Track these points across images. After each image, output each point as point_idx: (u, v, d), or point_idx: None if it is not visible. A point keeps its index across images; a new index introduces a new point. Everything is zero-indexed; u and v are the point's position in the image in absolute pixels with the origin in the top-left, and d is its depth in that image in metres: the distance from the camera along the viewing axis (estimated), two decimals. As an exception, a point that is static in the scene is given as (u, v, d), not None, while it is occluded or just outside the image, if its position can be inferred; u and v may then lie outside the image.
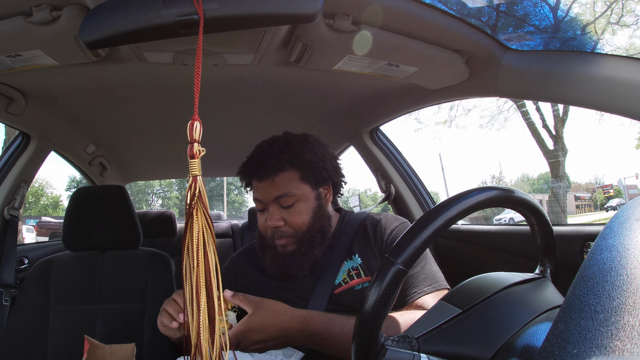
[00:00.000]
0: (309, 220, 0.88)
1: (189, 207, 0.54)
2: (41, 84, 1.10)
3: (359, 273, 0.87)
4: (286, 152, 0.87)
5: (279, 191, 0.86)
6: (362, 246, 0.91)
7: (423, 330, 0.48)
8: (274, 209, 0.88)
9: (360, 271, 0.88)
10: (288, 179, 0.87)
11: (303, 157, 0.88)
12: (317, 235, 0.89)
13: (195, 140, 0.53)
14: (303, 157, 0.88)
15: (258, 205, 0.91)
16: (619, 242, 0.26)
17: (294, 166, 0.88)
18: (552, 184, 9.91)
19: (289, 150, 0.88)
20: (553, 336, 0.24)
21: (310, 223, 0.88)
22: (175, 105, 1.32)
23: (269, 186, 0.87)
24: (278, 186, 0.87)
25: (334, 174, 0.94)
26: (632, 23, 2.87)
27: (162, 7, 0.63)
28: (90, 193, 1.37)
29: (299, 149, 0.88)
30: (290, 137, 0.93)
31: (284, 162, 0.87)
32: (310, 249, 0.87)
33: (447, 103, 6.12)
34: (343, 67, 0.98)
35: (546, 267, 0.60)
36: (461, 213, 0.48)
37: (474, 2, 0.90)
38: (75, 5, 0.73)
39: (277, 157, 0.87)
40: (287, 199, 0.87)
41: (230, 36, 0.85)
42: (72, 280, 1.25)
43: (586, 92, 0.78)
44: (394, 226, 0.92)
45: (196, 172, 0.53)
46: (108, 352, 1.00)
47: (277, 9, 0.66)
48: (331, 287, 0.86)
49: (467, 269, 0.84)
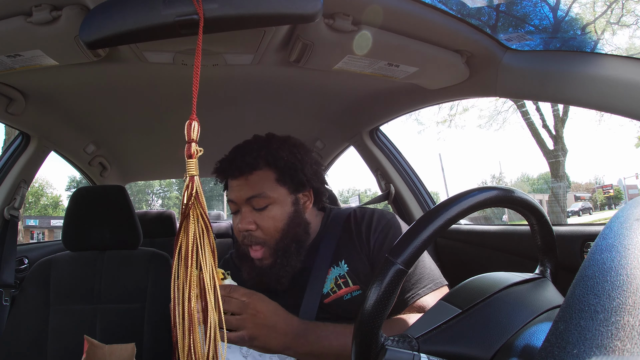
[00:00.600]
0: (283, 226, 0.83)
1: (186, 208, 0.54)
2: (41, 84, 1.10)
3: (346, 282, 0.84)
4: (263, 150, 0.84)
5: (252, 191, 0.82)
6: (348, 250, 0.87)
7: (423, 330, 0.48)
8: (246, 210, 0.83)
9: (348, 280, 0.84)
10: (263, 178, 0.83)
11: (280, 156, 0.84)
12: (292, 244, 0.84)
13: (193, 140, 0.53)
14: (280, 156, 0.83)
15: (232, 207, 0.86)
16: (619, 242, 0.26)
17: (269, 165, 0.84)
18: (552, 184, 9.91)
19: (266, 149, 0.84)
20: (553, 336, 0.24)
21: (284, 230, 0.83)
22: (175, 105, 1.32)
23: (242, 185, 0.83)
24: (251, 186, 0.83)
25: (313, 178, 0.88)
26: (632, 23, 2.87)
27: (162, 7, 0.63)
28: (90, 193, 1.37)
29: (277, 148, 0.85)
30: (271, 136, 0.90)
31: (259, 160, 0.83)
32: (286, 260, 0.83)
33: (447, 103, 6.13)
34: (343, 67, 0.98)
35: (546, 267, 0.60)
36: (461, 213, 0.48)
37: (474, 2, 0.90)
38: (75, 5, 0.73)
39: (253, 154, 0.83)
40: (260, 200, 0.82)
41: (230, 36, 0.85)
42: (72, 280, 1.25)
43: (586, 92, 0.78)
44: (380, 227, 0.87)
45: (193, 172, 0.53)
46: (108, 352, 1.00)
47: (277, 9, 0.66)
48: (320, 295, 0.84)
49: (467, 269, 0.84)
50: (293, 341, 0.73)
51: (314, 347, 0.73)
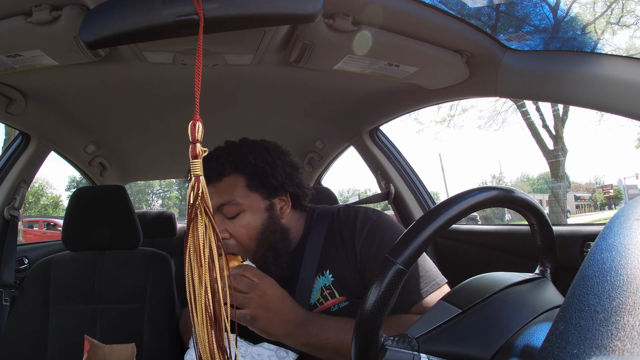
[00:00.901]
0: (257, 235, 0.81)
1: (192, 208, 0.54)
2: (41, 84, 1.10)
3: (332, 293, 0.82)
4: (231, 156, 0.81)
5: (222, 199, 0.79)
6: (333, 258, 0.84)
7: (423, 330, 0.48)
8: (218, 219, 0.80)
9: (334, 291, 0.82)
10: (232, 185, 0.80)
11: (248, 160, 0.80)
12: (268, 253, 0.81)
13: (197, 141, 0.53)
14: (248, 161, 0.80)
15: None
16: (619, 242, 0.26)
17: (238, 171, 0.81)
18: (552, 184, 9.91)
19: (235, 154, 0.81)
20: (553, 336, 0.24)
21: (259, 239, 0.81)
22: (175, 106, 1.32)
23: (212, 193, 0.79)
24: (221, 193, 0.80)
25: (287, 182, 0.84)
26: (632, 23, 2.87)
27: (162, 7, 0.63)
28: (90, 193, 1.37)
29: (246, 153, 0.81)
30: (242, 141, 0.86)
31: (227, 166, 0.80)
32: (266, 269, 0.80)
33: (447, 103, 6.12)
34: (343, 67, 0.98)
35: (546, 267, 0.60)
36: (461, 213, 0.48)
37: (474, 2, 0.90)
38: (75, 5, 0.73)
39: (221, 160, 0.80)
40: (230, 207, 0.79)
41: (230, 36, 0.85)
42: (72, 280, 1.25)
43: (586, 92, 0.78)
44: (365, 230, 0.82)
45: (198, 172, 0.53)
46: (108, 352, 1.00)
47: (277, 9, 0.66)
48: (307, 306, 0.82)
49: (467, 269, 0.84)
50: (293, 330, 0.73)
51: (312, 339, 0.73)
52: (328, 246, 0.85)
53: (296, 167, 0.89)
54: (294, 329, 0.73)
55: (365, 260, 0.81)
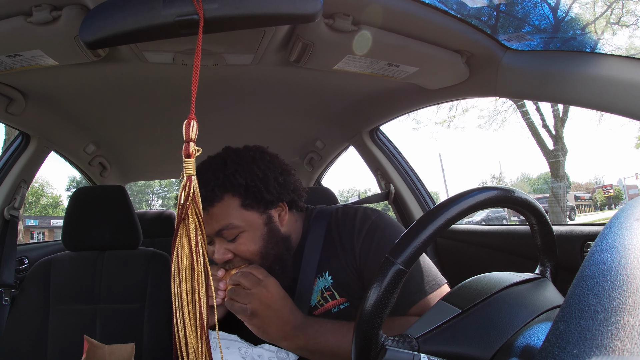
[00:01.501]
0: (259, 249, 0.79)
1: (183, 208, 0.54)
2: (41, 84, 1.10)
3: (332, 295, 0.82)
4: (219, 178, 0.76)
5: (219, 224, 0.76)
6: (332, 260, 0.83)
7: (423, 330, 0.48)
8: (219, 243, 0.79)
9: (334, 292, 0.81)
10: (226, 208, 0.77)
11: (238, 182, 0.76)
12: (275, 266, 0.80)
13: (191, 140, 0.53)
14: (238, 183, 0.76)
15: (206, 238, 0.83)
16: (619, 242, 0.26)
17: (230, 192, 0.77)
18: (552, 184, 9.92)
19: (222, 175, 0.77)
20: (553, 336, 0.24)
21: (262, 252, 0.79)
22: (175, 105, 1.32)
23: (208, 219, 0.76)
24: (216, 219, 0.76)
25: (282, 192, 0.82)
26: (632, 23, 2.87)
27: (162, 7, 0.63)
28: (90, 193, 1.37)
29: (234, 172, 0.77)
30: (226, 156, 0.81)
31: (216, 191, 0.76)
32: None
33: (447, 103, 6.12)
34: (343, 67, 0.98)
35: (546, 267, 0.60)
36: (461, 213, 0.48)
37: (474, 2, 0.90)
38: (75, 5, 0.73)
39: (210, 185, 0.76)
40: (228, 232, 0.77)
41: (230, 36, 0.85)
42: (72, 280, 1.25)
43: (586, 92, 0.78)
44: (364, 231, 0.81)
45: (191, 172, 0.53)
46: (107, 352, 1.00)
47: (277, 9, 0.66)
48: (307, 308, 0.82)
49: (467, 269, 0.84)
50: (291, 332, 0.73)
51: (309, 343, 0.73)
52: (327, 247, 0.84)
53: (288, 172, 0.86)
54: (292, 330, 0.73)
55: (365, 261, 0.81)
